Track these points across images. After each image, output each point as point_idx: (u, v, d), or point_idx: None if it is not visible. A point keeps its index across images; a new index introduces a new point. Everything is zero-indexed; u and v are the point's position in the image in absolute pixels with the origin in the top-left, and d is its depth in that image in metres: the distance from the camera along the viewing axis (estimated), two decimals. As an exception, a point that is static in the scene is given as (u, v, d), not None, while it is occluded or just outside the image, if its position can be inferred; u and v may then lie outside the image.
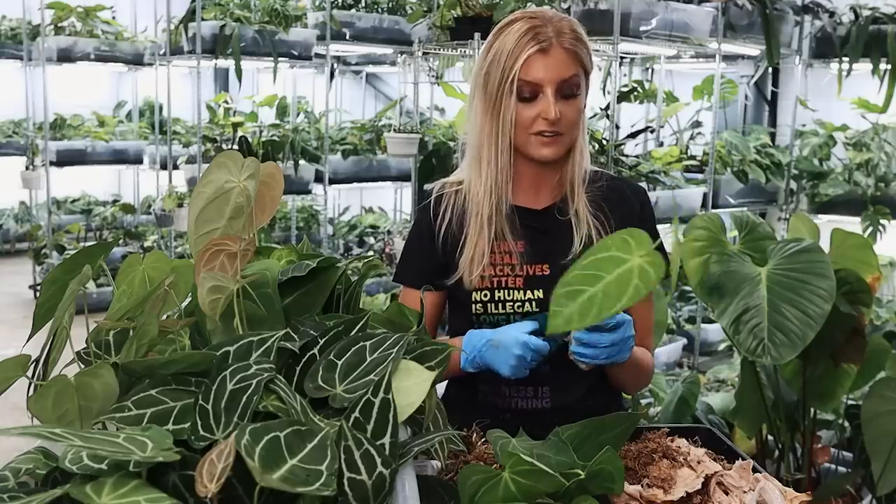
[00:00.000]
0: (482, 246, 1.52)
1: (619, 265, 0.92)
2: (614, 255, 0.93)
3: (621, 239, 0.92)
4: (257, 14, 5.22)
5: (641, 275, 0.90)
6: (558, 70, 1.45)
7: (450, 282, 1.56)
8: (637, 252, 0.92)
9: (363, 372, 0.93)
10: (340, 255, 6.76)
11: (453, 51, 4.21)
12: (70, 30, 6.61)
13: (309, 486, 0.74)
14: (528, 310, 1.52)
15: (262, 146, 5.30)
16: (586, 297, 0.93)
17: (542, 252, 1.53)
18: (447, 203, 1.58)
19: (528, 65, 1.45)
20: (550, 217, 1.55)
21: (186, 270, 1.06)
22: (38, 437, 0.82)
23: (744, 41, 4.28)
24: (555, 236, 1.54)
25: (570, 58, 1.46)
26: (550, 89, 1.45)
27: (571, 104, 1.48)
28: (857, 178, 4.48)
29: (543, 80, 1.45)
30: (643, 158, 4.24)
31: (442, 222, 1.57)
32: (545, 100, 1.45)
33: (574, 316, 0.93)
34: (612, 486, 1.02)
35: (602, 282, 0.92)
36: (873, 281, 2.39)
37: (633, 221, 1.56)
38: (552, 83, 1.45)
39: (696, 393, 3.06)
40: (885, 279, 4.55)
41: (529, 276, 1.53)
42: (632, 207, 1.59)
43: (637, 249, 0.92)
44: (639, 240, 0.92)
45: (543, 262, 1.53)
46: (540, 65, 1.45)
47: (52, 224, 6.88)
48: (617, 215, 1.56)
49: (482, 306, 1.53)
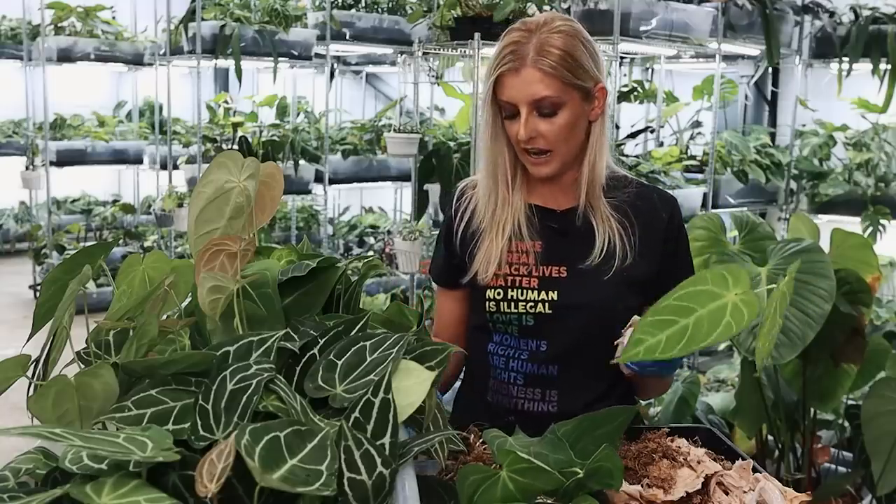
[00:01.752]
0: (498, 244, 1.52)
1: (713, 300, 0.93)
2: (710, 290, 0.93)
3: (719, 274, 0.93)
4: (257, 14, 5.22)
5: (734, 313, 0.91)
6: (529, 89, 1.43)
7: (465, 279, 1.56)
8: (734, 289, 0.93)
9: (363, 372, 0.93)
10: (340, 255, 6.76)
11: (453, 51, 4.21)
12: (70, 30, 6.61)
13: (309, 486, 0.74)
14: (541, 311, 1.50)
15: (262, 146, 5.30)
16: (676, 329, 0.94)
17: (560, 254, 1.52)
18: (467, 202, 1.59)
19: (500, 83, 1.45)
20: (571, 219, 1.53)
21: (186, 270, 1.06)
22: (38, 437, 0.82)
23: (744, 41, 4.28)
24: (574, 239, 1.52)
25: (545, 77, 1.43)
26: (524, 109, 1.44)
27: (553, 121, 1.45)
28: (857, 178, 4.48)
29: (516, 100, 1.44)
30: (643, 158, 4.24)
31: (461, 221, 1.58)
32: (520, 118, 1.45)
33: (660, 346, 0.94)
34: (612, 482, 1.02)
35: (694, 315, 0.93)
36: (873, 281, 2.39)
37: (658, 231, 1.54)
38: (524, 102, 1.44)
39: (696, 393, 3.06)
40: (885, 279, 4.55)
41: (545, 278, 1.51)
42: (658, 216, 1.55)
43: (734, 287, 0.93)
44: (736, 277, 0.93)
45: (560, 263, 1.51)
46: (511, 84, 1.44)
47: (52, 224, 6.88)
48: (641, 223, 1.53)
49: (495, 304, 1.52)
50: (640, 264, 1.51)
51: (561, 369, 1.51)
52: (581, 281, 1.50)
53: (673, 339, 0.94)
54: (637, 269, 1.51)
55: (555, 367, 1.51)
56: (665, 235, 1.55)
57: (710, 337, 0.92)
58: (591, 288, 1.50)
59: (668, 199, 1.59)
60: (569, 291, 1.50)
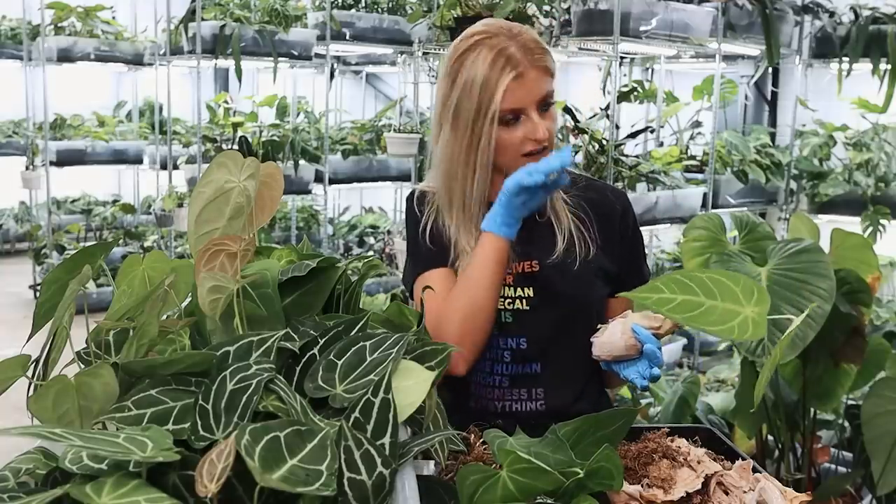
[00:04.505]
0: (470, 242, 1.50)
1: (733, 301, 0.98)
2: (735, 292, 0.99)
3: (751, 285, 0.98)
4: (257, 14, 5.22)
5: (742, 323, 0.97)
6: (537, 89, 1.44)
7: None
8: (755, 305, 0.97)
9: (363, 372, 0.93)
10: (340, 255, 6.76)
11: (453, 51, 4.20)
12: (70, 30, 6.62)
13: (309, 486, 0.74)
14: (519, 307, 1.51)
15: (262, 146, 5.30)
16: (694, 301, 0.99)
17: (528, 251, 1.53)
18: (429, 205, 1.57)
19: (507, 93, 1.42)
20: (530, 217, 1.53)
21: (186, 270, 1.06)
22: (38, 437, 0.82)
23: (744, 41, 4.28)
24: (538, 235, 1.53)
25: (543, 73, 1.45)
26: (534, 111, 1.44)
27: (550, 115, 1.48)
28: (857, 178, 4.48)
29: (525, 104, 1.44)
30: (643, 158, 4.24)
31: (427, 221, 1.55)
32: (529, 121, 1.44)
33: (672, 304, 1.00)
34: (612, 483, 1.02)
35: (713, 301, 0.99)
36: (873, 281, 2.39)
37: (613, 223, 1.57)
38: (533, 104, 1.44)
39: (696, 393, 3.06)
40: (885, 279, 4.55)
41: (519, 274, 1.52)
42: (612, 208, 1.58)
43: (756, 304, 0.97)
44: (762, 297, 0.97)
45: (531, 259, 1.53)
46: (519, 91, 1.42)
47: (52, 224, 6.88)
48: (597, 215, 1.56)
49: None
50: (603, 255, 1.54)
51: (543, 365, 1.52)
52: (554, 276, 1.52)
53: (685, 307, 0.99)
54: (601, 260, 1.54)
55: (537, 364, 1.51)
56: (621, 227, 1.58)
57: (712, 328, 0.97)
58: (565, 280, 1.51)
59: (620, 194, 1.64)
60: (544, 286, 1.52)
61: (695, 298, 0.99)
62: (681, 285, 1.00)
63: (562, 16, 3.87)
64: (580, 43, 3.86)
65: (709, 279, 1.00)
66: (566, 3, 3.80)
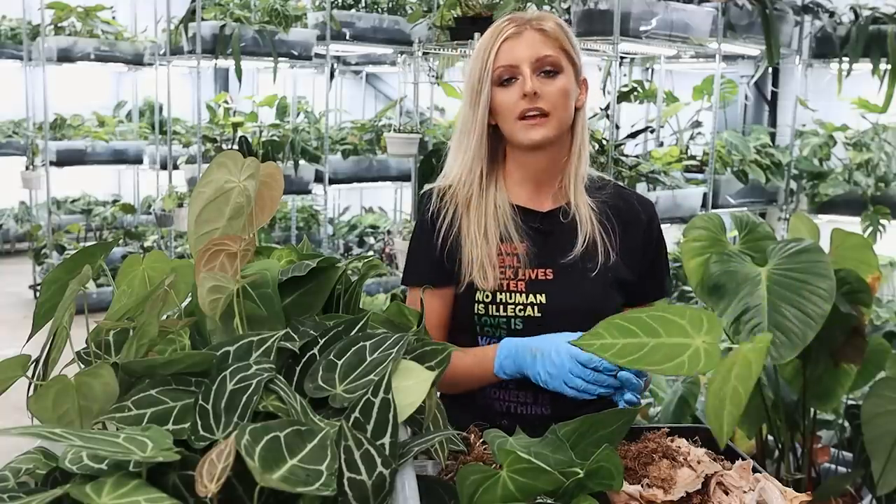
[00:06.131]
0: (492, 247, 1.50)
1: (681, 335, 0.95)
2: (682, 326, 0.95)
3: (697, 315, 0.95)
4: (257, 14, 5.22)
5: (693, 356, 0.93)
6: (532, 48, 1.47)
7: (453, 281, 1.55)
8: (704, 335, 0.94)
9: (363, 372, 0.93)
10: (340, 255, 6.76)
11: (453, 51, 4.22)
12: (70, 30, 6.61)
13: (309, 486, 0.74)
14: (530, 314, 1.51)
15: (262, 146, 5.30)
16: (635, 343, 0.96)
17: (545, 255, 1.52)
18: (445, 203, 1.57)
19: (502, 50, 1.47)
20: (554, 220, 1.53)
21: (186, 270, 1.06)
22: (38, 437, 0.82)
23: (744, 41, 4.28)
24: (557, 238, 1.53)
25: (546, 38, 1.48)
26: (527, 67, 1.47)
27: (552, 82, 1.47)
28: (857, 178, 4.48)
29: (518, 60, 1.47)
30: (643, 158, 4.24)
31: (442, 222, 1.55)
32: (522, 78, 1.47)
33: (614, 349, 0.97)
34: (612, 483, 1.02)
35: (657, 339, 0.95)
36: (873, 281, 2.39)
37: (638, 233, 1.56)
38: (527, 61, 1.47)
39: (696, 393, 3.06)
40: (885, 279, 4.55)
41: (532, 280, 1.51)
42: (638, 217, 1.57)
43: (706, 333, 0.94)
44: (712, 324, 0.94)
45: (546, 266, 1.52)
46: (514, 46, 1.47)
47: (52, 224, 6.88)
48: (622, 223, 1.55)
49: (484, 307, 1.52)
50: (622, 264, 1.53)
51: None
52: (568, 283, 1.51)
53: (627, 350, 0.96)
54: (620, 268, 1.53)
55: None
56: (645, 237, 1.57)
57: (660, 366, 0.94)
58: (579, 290, 1.50)
59: (648, 204, 1.63)
60: (556, 294, 1.51)
61: (635, 340, 0.96)
62: (621, 329, 0.98)
63: (562, 16, 3.87)
64: (580, 43, 3.86)
65: (650, 318, 0.97)
66: (566, 3, 3.80)
